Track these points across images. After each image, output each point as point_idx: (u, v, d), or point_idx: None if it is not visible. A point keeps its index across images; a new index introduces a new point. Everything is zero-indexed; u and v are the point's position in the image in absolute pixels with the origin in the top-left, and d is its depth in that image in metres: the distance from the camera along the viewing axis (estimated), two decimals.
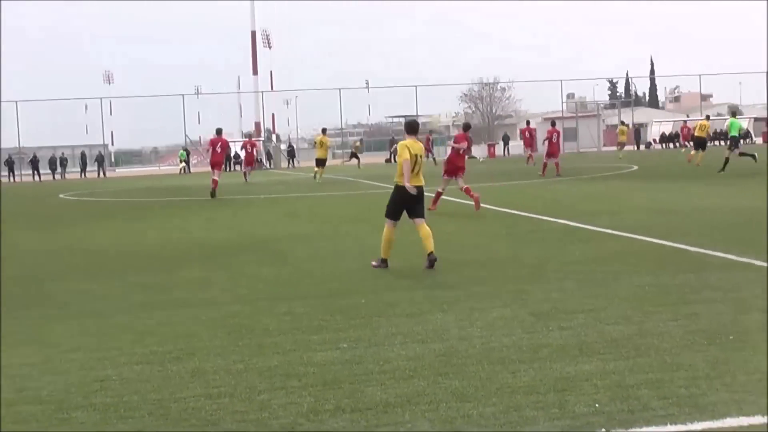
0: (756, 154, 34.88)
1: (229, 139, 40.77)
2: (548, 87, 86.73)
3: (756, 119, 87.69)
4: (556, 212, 19.64)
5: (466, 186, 21.71)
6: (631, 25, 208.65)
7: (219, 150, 32.22)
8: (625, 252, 13.37)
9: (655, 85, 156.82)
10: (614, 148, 69.84)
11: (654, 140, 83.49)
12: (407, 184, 12.70)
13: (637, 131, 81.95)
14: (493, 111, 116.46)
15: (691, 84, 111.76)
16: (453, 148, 22.43)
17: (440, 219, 19.10)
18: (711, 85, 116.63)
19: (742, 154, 34.36)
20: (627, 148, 60.63)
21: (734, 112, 38.46)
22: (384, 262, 12.87)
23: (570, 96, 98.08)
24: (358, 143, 71.35)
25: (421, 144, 13.37)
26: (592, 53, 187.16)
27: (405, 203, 12.92)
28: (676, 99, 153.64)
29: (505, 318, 8.99)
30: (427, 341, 8.16)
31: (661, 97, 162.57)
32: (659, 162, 45.07)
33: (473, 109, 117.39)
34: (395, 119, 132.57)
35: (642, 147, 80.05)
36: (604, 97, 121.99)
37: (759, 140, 79.04)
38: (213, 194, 31.21)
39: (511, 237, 16.24)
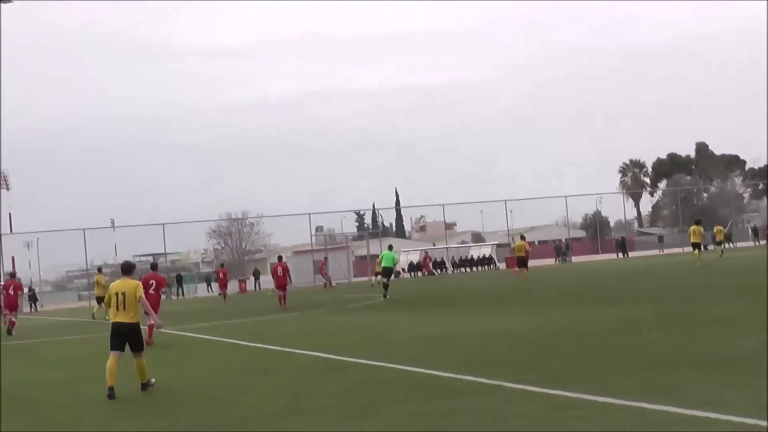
0: (387, 295, 37.47)
1: None
2: (297, 221, 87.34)
3: (498, 245, 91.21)
4: (311, 345, 19.60)
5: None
6: (378, 158, 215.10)
7: (12, 292, 34.77)
8: (380, 382, 13.42)
9: (401, 216, 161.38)
10: (365, 278, 71.14)
11: (402, 269, 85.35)
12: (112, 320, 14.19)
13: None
14: (243, 246, 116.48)
15: (435, 213, 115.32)
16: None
17: (187, 355, 18.72)
18: (455, 214, 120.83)
19: (385, 285, 38.63)
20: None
21: (390, 246, 43.15)
22: (110, 390, 13.43)
23: (319, 229, 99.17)
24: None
25: (135, 282, 14.51)
26: (339, 186, 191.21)
27: (118, 336, 13.98)
28: (422, 228, 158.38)
29: None
30: None
31: (408, 226, 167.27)
32: (408, 290, 46.03)
33: (222, 245, 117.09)
34: (143, 258, 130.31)
35: (392, 276, 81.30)
36: (352, 228, 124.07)
37: (503, 266, 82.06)
38: (9, 332, 33.60)
39: (266, 372, 16.03)
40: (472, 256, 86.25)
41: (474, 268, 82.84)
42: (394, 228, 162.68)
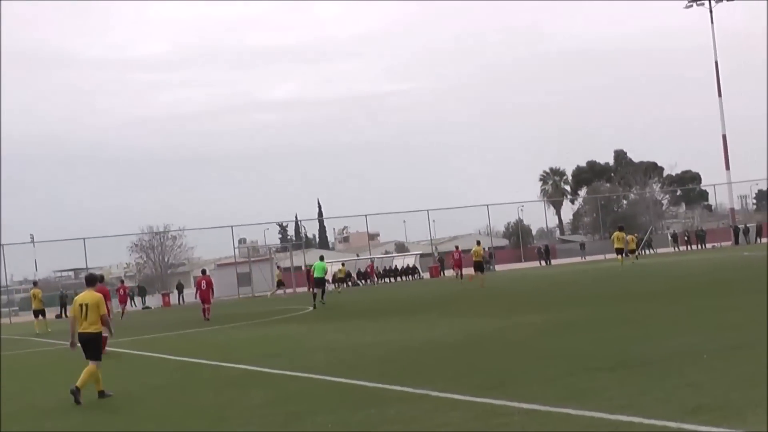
0: (322, 303, 39.97)
1: None
2: (220, 233, 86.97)
3: (422, 255, 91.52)
4: (235, 357, 19.48)
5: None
6: (299, 169, 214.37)
7: None
8: (305, 392, 13.38)
9: (324, 227, 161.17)
10: (290, 290, 70.76)
11: (327, 281, 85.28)
12: (71, 340, 14.87)
13: (308, 272, 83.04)
14: (166, 260, 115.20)
15: (358, 224, 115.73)
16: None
17: (110, 370, 18.53)
18: (378, 225, 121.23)
19: (314, 295, 41.59)
20: (301, 289, 62.10)
21: (321, 257, 46.43)
22: (77, 391, 14.12)
23: (242, 241, 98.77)
24: (278, 271, 71.36)
25: (98, 295, 15.01)
26: (261, 198, 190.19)
27: (83, 346, 14.67)
28: (346, 239, 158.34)
29: None
30: None
31: (331, 237, 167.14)
32: (334, 302, 45.91)
33: (145, 258, 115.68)
34: (64, 273, 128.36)
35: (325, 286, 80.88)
36: (275, 240, 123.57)
37: (426, 275, 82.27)
38: None
39: (190, 385, 15.88)
40: (396, 266, 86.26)
41: (398, 278, 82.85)
42: (317, 239, 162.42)
